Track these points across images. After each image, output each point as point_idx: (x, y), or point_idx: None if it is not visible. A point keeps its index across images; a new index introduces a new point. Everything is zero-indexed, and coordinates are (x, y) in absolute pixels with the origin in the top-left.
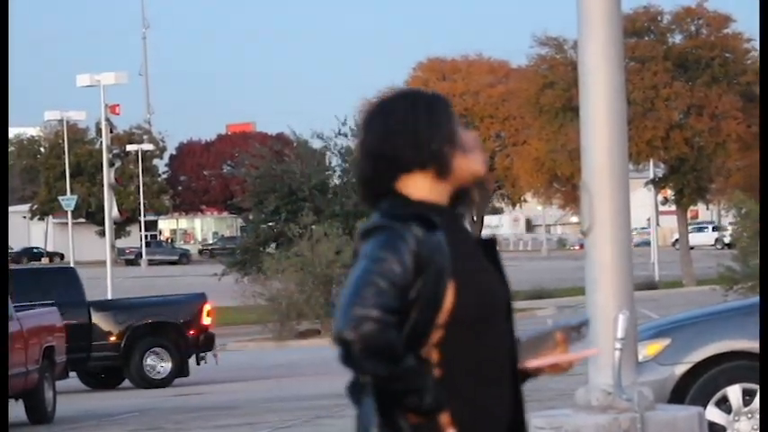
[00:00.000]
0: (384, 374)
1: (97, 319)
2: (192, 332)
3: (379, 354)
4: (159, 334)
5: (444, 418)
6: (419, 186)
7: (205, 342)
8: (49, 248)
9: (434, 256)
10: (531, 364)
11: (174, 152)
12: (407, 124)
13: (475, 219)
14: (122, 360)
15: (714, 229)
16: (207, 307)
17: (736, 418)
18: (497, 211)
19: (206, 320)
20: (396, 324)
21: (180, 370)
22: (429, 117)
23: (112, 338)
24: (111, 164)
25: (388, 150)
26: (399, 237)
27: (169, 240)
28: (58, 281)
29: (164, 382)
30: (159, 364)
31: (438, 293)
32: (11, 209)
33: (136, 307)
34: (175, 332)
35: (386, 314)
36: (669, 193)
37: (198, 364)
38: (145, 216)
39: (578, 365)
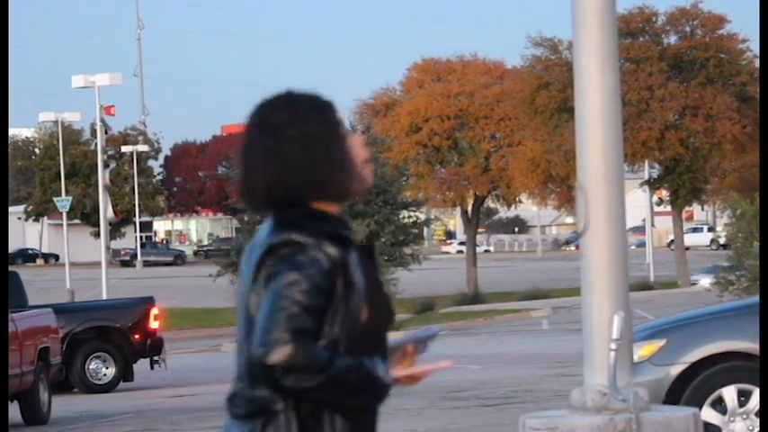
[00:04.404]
0: (311, 386)
1: None
2: (137, 336)
3: (302, 370)
4: (103, 338)
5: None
6: None
7: (153, 346)
8: (44, 250)
9: (353, 278)
10: None
11: (168, 153)
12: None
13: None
14: (64, 365)
15: (709, 229)
16: (154, 311)
17: (732, 419)
18: (492, 213)
19: (153, 324)
20: (312, 341)
21: (124, 375)
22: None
23: None
24: (105, 165)
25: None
26: (312, 258)
27: (164, 241)
28: None
29: (107, 387)
30: (103, 368)
31: (359, 314)
32: None
33: (78, 311)
34: (120, 336)
35: (300, 335)
36: (664, 193)
37: (152, 368)
38: (140, 217)
39: (427, 378)
